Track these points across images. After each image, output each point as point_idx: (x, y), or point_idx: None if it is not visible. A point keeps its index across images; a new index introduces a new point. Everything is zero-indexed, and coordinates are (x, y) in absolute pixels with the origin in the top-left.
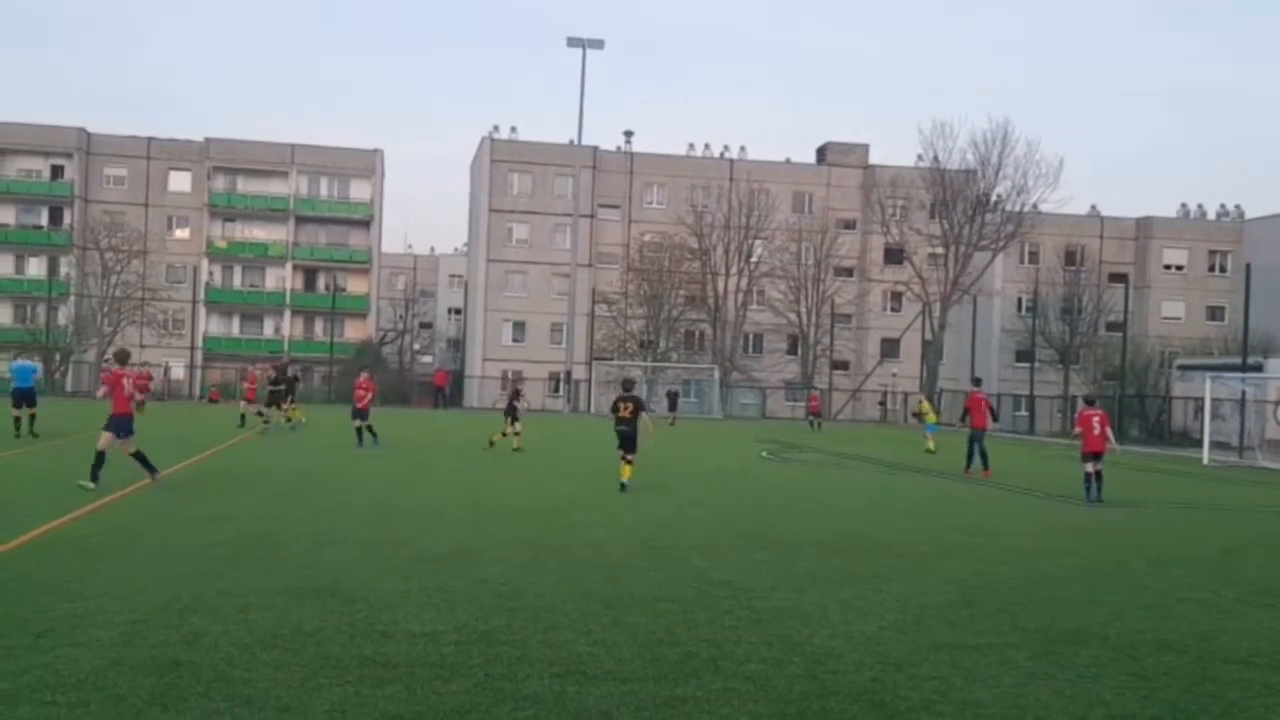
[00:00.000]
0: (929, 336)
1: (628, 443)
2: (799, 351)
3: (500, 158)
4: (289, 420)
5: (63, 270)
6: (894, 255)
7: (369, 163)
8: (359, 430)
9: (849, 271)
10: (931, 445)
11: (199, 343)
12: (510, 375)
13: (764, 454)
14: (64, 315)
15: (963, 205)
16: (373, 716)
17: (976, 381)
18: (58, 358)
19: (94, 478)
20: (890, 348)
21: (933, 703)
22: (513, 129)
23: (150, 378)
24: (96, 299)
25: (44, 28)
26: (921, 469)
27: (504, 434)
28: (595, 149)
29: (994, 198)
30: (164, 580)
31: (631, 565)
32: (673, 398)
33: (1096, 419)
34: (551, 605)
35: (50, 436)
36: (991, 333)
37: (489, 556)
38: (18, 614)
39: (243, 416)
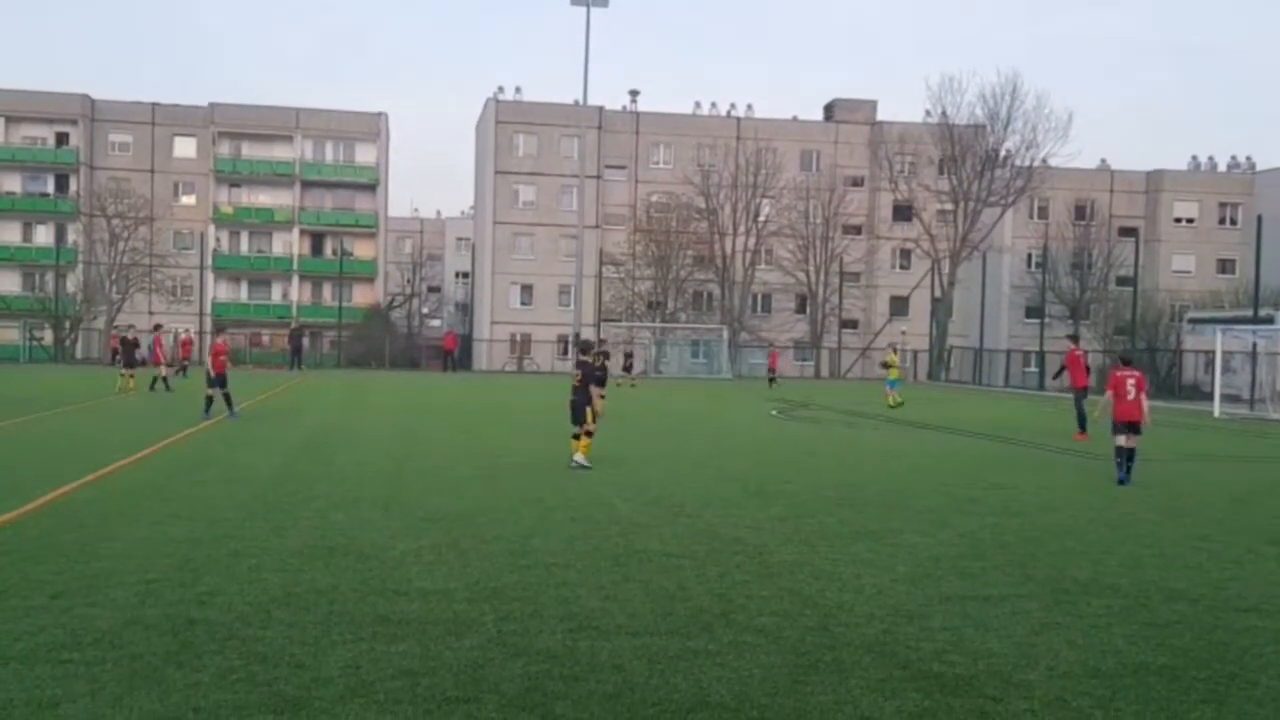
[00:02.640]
0: (938, 294)
1: (575, 413)
2: (808, 310)
3: (505, 119)
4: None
5: (70, 238)
6: (903, 212)
7: (374, 126)
8: (214, 397)
9: (857, 229)
10: (899, 398)
11: (208, 309)
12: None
13: (774, 412)
14: (72, 283)
15: (972, 160)
16: (386, 672)
17: (1073, 338)
18: (67, 325)
19: None
20: (899, 305)
21: (945, 653)
22: (517, 90)
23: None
24: (104, 266)
25: None
26: (930, 425)
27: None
28: (601, 109)
29: (1003, 152)
30: (178, 542)
31: (642, 522)
32: (627, 358)
33: (1132, 381)
34: (563, 562)
35: (61, 403)
36: (1001, 289)
37: (501, 515)
38: (35, 575)
39: (154, 379)
